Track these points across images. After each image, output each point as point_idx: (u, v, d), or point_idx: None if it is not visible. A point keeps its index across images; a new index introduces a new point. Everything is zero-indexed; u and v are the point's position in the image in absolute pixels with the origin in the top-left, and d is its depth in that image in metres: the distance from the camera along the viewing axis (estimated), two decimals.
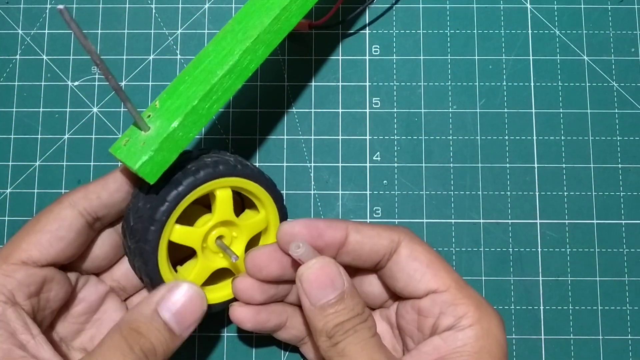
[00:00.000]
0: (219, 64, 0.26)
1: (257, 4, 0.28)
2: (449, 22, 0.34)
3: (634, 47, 0.34)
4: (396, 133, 0.33)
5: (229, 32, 0.27)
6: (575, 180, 0.33)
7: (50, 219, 0.25)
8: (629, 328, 0.31)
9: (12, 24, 0.35)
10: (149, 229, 0.25)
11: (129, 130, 0.25)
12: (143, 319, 0.24)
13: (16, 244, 0.24)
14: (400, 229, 0.26)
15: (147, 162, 0.24)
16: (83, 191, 0.25)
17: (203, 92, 0.25)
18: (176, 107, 0.25)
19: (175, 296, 0.25)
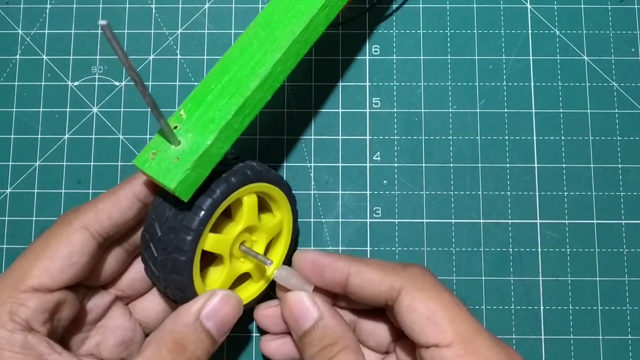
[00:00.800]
0: (250, 75, 0.25)
1: (280, 9, 0.27)
2: (449, 22, 0.34)
3: (634, 47, 0.34)
4: (396, 133, 0.33)
5: (255, 39, 0.26)
6: (575, 180, 0.33)
7: (60, 243, 0.24)
8: (629, 328, 0.31)
9: (12, 24, 0.35)
10: (185, 240, 0.24)
11: (153, 141, 0.24)
12: (187, 330, 0.24)
13: (26, 269, 0.23)
14: (410, 270, 0.25)
15: (184, 181, 0.23)
16: (93, 210, 0.25)
17: (237, 106, 0.25)
18: (208, 120, 0.24)
19: (216, 304, 0.25)
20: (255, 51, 0.26)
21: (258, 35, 0.26)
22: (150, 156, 0.24)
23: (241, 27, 0.34)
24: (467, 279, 0.31)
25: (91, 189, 0.33)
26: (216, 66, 0.26)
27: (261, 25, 0.27)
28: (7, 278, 0.23)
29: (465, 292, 0.31)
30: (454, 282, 0.32)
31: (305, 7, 0.27)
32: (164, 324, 0.25)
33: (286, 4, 0.27)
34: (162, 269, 0.25)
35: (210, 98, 0.25)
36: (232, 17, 0.34)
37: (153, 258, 0.25)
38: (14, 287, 0.23)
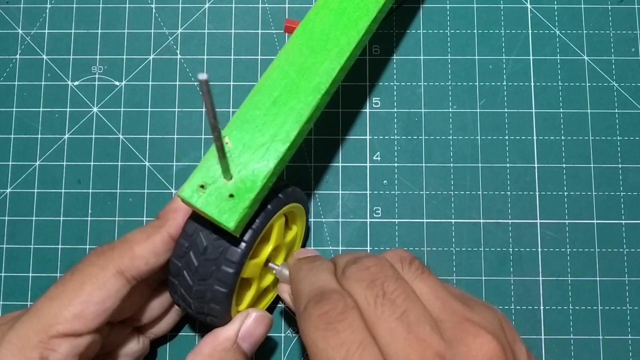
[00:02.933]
0: (301, 103, 0.24)
1: (321, 30, 0.26)
2: (449, 22, 0.34)
3: (634, 47, 0.34)
4: (396, 133, 0.33)
5: (296, 62, 0.25)
6: (576, 180, 0.33)
7: (96, 288, 0.23)
8: (629, 328, 0.31)
9: (12, 24, 0.35)
10: (229, 273, 0.23)
11: (198, 172, 0.23)
12: (226, 355, 0.24)
13: (58, 312, 0.23)
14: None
15: (241, 220, 0.22)
16: (129, 255, 0.24)
17: (291, 137, 0.23)
18: (260, 152, 0.23)
19: (251, 326, 0.25)
20: (300, 77, 0.25)
21: (298, 58, 0.25)
22: (198, 188, 0.23)
23: (241, 27, 0.34)
24: (467, 279, 0.31)
25: (91, 189, 0.33)
26: (257, 88, 0.25)
27: (299, 46, 0.25)
28: (38, 321, 0.23)
29: (466, 292, 0.31)
30: (454, 282, 0.32)
31: (350, 30, 0.26)
32: (202, 348, 0.25)
33: (326, 24, 0.26)
34: (199, 297, 0.24)
35: (257, 126, 0.24)
36: (232, 17, 0.34)
37: (187, 286, 0.25)
38: (45, 331, 0.22)
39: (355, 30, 0.26)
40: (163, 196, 0.32)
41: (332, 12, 0.26)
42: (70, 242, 0.32)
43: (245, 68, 0.34)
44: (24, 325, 0.23)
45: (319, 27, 0.26)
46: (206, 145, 0.33)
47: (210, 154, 0.23)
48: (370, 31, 0.27)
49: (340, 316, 0.19)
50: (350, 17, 0.26)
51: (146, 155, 0.33)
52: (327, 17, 0.26)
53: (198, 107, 0.33)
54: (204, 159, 0.23)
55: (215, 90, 0.34)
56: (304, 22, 0.26)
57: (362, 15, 0.26)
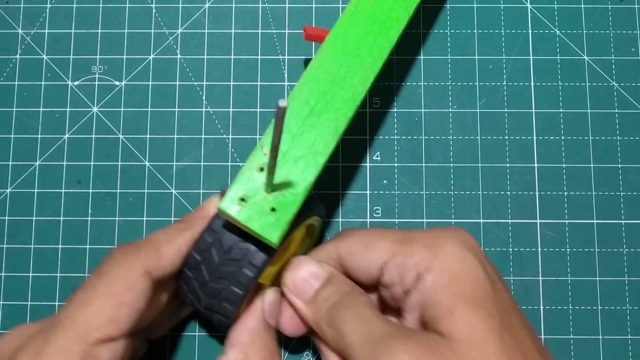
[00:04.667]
0: (337, 113, 0.24)
1: (351, 34, 0.26)
2: (449, 22, 0.34)
3: (634, 46, 0.34)
4: (396, 133, 0.33)
5: (328, 70, 0.25)
6: (575, 180, 0.33)
7: (125, 289, 0.23)
8: (629, 328, 0.31)
9: (12, 24, 0.35)
10: (248, 276, 0.23)
11: (239, 182, 0.23)
12: (264, 335, 0.25)
13: (92, 318, 0.22)
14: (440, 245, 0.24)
15: (284, 234, 0.22)
16: (155, 255, 0.24)
17: (329, 149, 0.23)
18: (298, 165, 0.23)
19: (271, 304, 0.26)
20: (335, 87, 0.25)
21: (332, 68, 0.25)
22: (239, 202, 0.22)
23: (241, 27, 0.34)
24: None
25: (91, 189, 0.33)
26: (292, 97, 0.25)
27: (332, 56, 0.25)
28: (74, 330, 0.22)
29: None
30: None
31: (382, 38, 0.26)
32: (239, 338, 0.25)
33: (358, 33, 0.26)
34: (212, 294, 0.24)
35: (293, 135, 0.24)
36: (232, 17, 0.34)
37: (202, 281, 0.25)
38: (83, 340, 0.22)
39: (387, 40, 0.26)
40: (163, 196, 0.32)
41: (364, 20, 0.26)
42: (70, 242, 0.32)
43: (245, 68, 0.34)
44: (61, 337, 0.22)
45: (351, 35, 0.26)
46: (206, 145, 0.33)
47: (249, 166, 0.23)
48: (399, 39, 0.27)
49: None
50: (382, 26, 0.26)
51: (146, 155, 0.33)
52: (359, 25, 0.26)
53: (198, 107, 0.33)
54: (242, 171, 0.23)
55: (215, 90, 0.34)
56: (335, 30, 0.26)
57: (393, 24, 0.26)
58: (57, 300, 0.32)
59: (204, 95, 0.34)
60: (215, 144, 0.33)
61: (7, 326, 0.31)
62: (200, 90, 0.34)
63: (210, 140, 0.33)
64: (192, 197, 0.32)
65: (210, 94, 0.34)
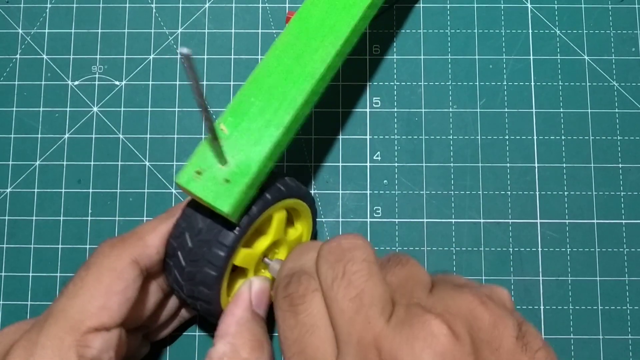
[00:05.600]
0: (295, 89, 0.24)
1: (315, 16, 0.26)
2: (449, 22, 0.34)
3: (635, 46, 0.34)
4: (396, 133, 0.33)
5: (291, 49, 0.25)
6: (576, 180, 0.33)
7: (114, 278, 0.23)
8: (629, 328, 0.31)
9: (12, 24, 0.35)
10: (219, 255, 0.24)
11: (196, 157, 0.23)
12: (252, 325, 0.25)
13: (83, 308, 0.22)
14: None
15: (236, 204, 0.22)
16: (141, 244, 0.24)
17: (286, 122, 0.23)
18: (254, 138, 0.23)
19: (259, 292, 0.26)
20: (294, 63, 0.25)
21: (294, 45, 0.25)
22: (194, 175, 0.23)
23: (241, 27, 0.34)
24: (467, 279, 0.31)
25: (91, 189, 0.33)
26: (252, 76, 0.25)
27: (295, 34, 0.26)
28: (66, 321, 0.22)
29: None
30: None
31: (345, 16, 0.26)
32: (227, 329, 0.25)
33: (321, 11, 0.26)
34: (189, 279, 0.25)
35: (252, 112, 0.24)
36: (232, 17, 0.34)
37: (180, 267, 0.25)
38: (76, 329, 0.22)
39: (350, 16, 0.26)
40: (163, 196, 0.32)
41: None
42: (70, 242, 0.32)
43: (245, 68, 0.34)
44: (54, 328, 0.22)
45: (314, 14, 0.26)
46: None
47: (206, 142, 0.23)
48: (367, 17, 0.27)
49: (300, 299, 0.20)
50: (346, 3, 0.26)
51: (146, 155, 0.33)
52: (323, 4, 0.26)
53: (198, 107, 0.33)
54: (200, 146, 0.23)
55: (216, 90, 0.34)
56: (300, 11, 0.26)
57: (356, 2, 0.26)
58: None
59: (204, 95, 0.34)
60: None
61: None
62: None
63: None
64: None
65: (210, 94, 0.34)
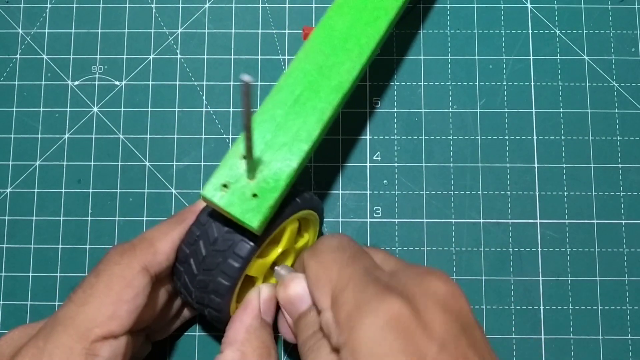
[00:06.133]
0: (322, 103, 0.24)
1: (342, 27, 0.26)
2: (449, 22, 0.34)
3: (635, 46, 0.34)
4: (396, 133, 0.33)
5: (315, 61, 0.25)
6: (576, 180, 0.33)
7: (124, 286, 0.23)
8: (629, 328, 0.31)
9: (12, 24, 0.35)
10: (234, 267, 0.23)
11: (220, 171, 0.23)
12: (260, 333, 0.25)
13: (92, 316, 0.22)
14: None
15: (265, 220, 0.22)
16: (151, 251, 0.24)
17: (313, 137, 0.23)
18: (282, 153, 0.23)
19: (267, 300, 0.26)
20: (321, 76, 0.25)
21: (319, 58, 0.25)
22: (221, 188, 0.23)
23: (241, 27, 0.34)
24: (467, 279, 0.31)
25: (91, 189, 0.33)
26: (277, 88, 0.25)
27: (319, 45, 0.25)
28: (74, 329, 0.22)
29: (465, 292, 0.31)
30: None
31: (370, 27, 0.26)
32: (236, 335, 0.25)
33: (346, 22, 0.26)
34: (200, 287, 0.24)
35: (279, 125, 0.24)
36: (232, 17, 0.34)
37: (191, 274, 0.25)
38: (85, 338, 0.22)
39: (375, 30, 0.26)
40: (163, 196, 0.32)
41: (352, 10, 0.26)
42: (70, 242, 0.32)
43: (245, 68, 0.34)
44: (62, 336, 0.22)
45: (338, 26, 0.26)
46: (206, 145, 0.33)
47: (232, 153, 0.23)
48: (388, 31, 0.27)
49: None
50: (370, 17, 0.26)
51: (146, 155, 0.33)
52: (347, 16, 0.26)
53: (198, 107, 0.33)
54: (226, 158, 0.23)
55: (216, 90, 0.34)
56: (324, 21, 0.26)
57: (381, 14, 0.26)
58: (57, 300, 0.32)
59: (204, 95, 0.34)
60: (215, 144, 0.33)
61: (7, 326, 0.31)
62: (200, 90, 0.34)
63: (210, 140, 0.33)
64: (192, 197, 0.32)
65: (210, 94, 0.34)
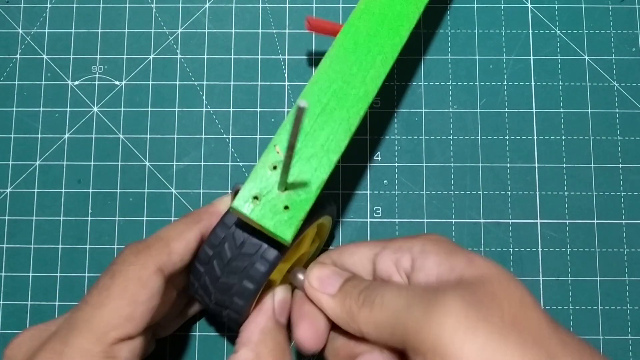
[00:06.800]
0: (349, 112, 0.24)
1: (364, 30, 0.26)
2: (449, 22, 0.34)
3: (635, 46, 0.34)
4: (397, 133, 0.33)
5: (340, 68, 0.25)
6: (576, 180, 0.33)
7: (139, 288, 0.23)
8: (629, 328, 0.31)
9: (12, 24, 0.35)
10: (261, 271, 0.24)
11: (252, 180, 0.23)
12: (275, 334, 0.25)
13: (109, 318, 0.22)
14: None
15: (297, 231, 0.22)
16: (166, 252, 0.24)
17: (342, 146, 0.23)
18: (311, 163, 0.23)
19: (281, 301, 0.26)
20: (347, 85, 0.25)
21: (343, 65, 0.25)
22: (252, 201, 0.22)
23: (241, 27, 0.34)
24: None
25: (91, 189, 0.33)
26: (303, 96, 0.25)
27: (343, 53, 0.25)
28: (91, 332, 0.22)
29: None
30: None
31: (395, 36, 0.26)
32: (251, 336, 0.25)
33: (369, 29, 0.26)
34: (223, 289, 0.24)
35: (308, 135, 0.24)
36: (232, 17, 0.34)
37: (213, 276, 0.25)
38: (103, 340, 0.22)
39: (398, 37, 0.26)
40: (163, 196, 0.32)
41: (374, 18, 0.26)
42: (70, 242, 0.32)
43: (245, 68, 0.34)
44: (79, 339, 0.22)
45: (362, 34, 0.26)
46: (206, 145, 0.33)
47: (262, 164, 0.23)
48: (409, 38, 0.27)
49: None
50: (392, 24, 0.26)
51: (146, 155, 0.33)
52: (370, 24, 0.26)
53: (198, 107, 0.33)
54: (256, 170, 0.23)
55: (216, 90, 0.34)
56: (346, 29, 0.26)
57: (403, 22, 0.26)
58: (57, 300, 0.32)
59: (204, 95, 0.34)
60: (215, 144, 0.33)
61: (7, 326, 0.31)
62: (200, 90, 0.34)
63: (210, 140, 0.33)
64: (192, 197, 0.32)
65: (210, 94, 0.34)
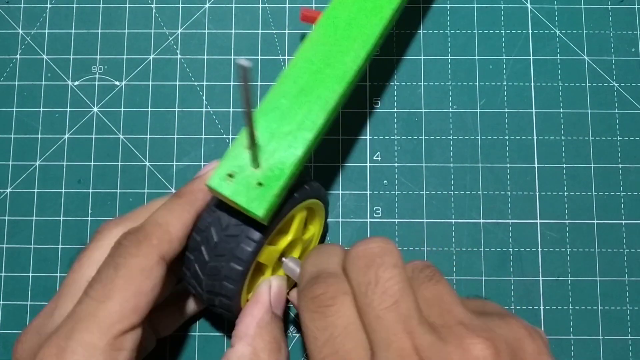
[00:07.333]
0: (326, 92, 0.24)
1: (344, 16, 0.26)
2: (449, 22, 0.34)
3: (635, 47, 0.34)
4: (396, 133, 0.33)
5: (319, 50, 0.25)
6: (576, 180, 0.33)
7: (144, 279, 0.23)
8: (629, 328, 0.31)
9: (12, 24, 0.35)
10: (247, 250, 0.24)
11: (227, 159, 0.23)
12: (271, 327, 0.25)
13: (115, 311, 0.22)
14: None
15: (270, 208, 0.22)
16: (167, 239, 0.24)
17: (318, 125, 0.23)
18: (286, 141, 0.23)
19: (277, 293, 0.26)
20: (325, 65, 0.25)
21: (323, 47, 0.25)
22: (226, 178, 0.23)
23: (241, 27, 0.34)
24: (467, 279, 0.31)
25: (91, 189, 0.33)
26: (282, 78, 0.25)
27: (324, 35, 0.26)
28: (97, 326, 0.22)
29: (465, 292, 0.31)
30: (454, 282, 0.32)
31: (374, 18, 0.26)
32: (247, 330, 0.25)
33: (350, 12, 0.26)
34: (212, 274, 0.24)
35: (284, 114, 0.24)
36: (232, 17, 0.34)
37: (202, 261, 0.24)
38: (108, 334, 0.22)
39: (378, 19, 0.26)
40: (163, 196, 0.32)
41: (356, 1, 0.27)
42: (70, 242, 0.32)
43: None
44: (84, 334, 0.22)
45: (343, 15, 0.26)
46: (206, 145, 0.33)
47: (237, 144, 0.23)
48: (392, 20, 0.27)
49: (330, 301, 0.20)
50: (374, 5, 0.26)
51: (146, 155, 0.33)
52: (351, 5, 0.26)
53: (198, 107, 0.33)
54: (231, 149, 0.23)
55: (216, 90, 0.34)
56: (328, 11, 0.26)
57: (384, 4, 0.27)
58: None
59: (204, 95, 0.34)
60: (215, 144, 0.33)
61: (7, 326, 0.31)
62: (200, 90, 0.34)
63: (210, 140, 0.33)
64: None
65: (210, 94, 0.34)
